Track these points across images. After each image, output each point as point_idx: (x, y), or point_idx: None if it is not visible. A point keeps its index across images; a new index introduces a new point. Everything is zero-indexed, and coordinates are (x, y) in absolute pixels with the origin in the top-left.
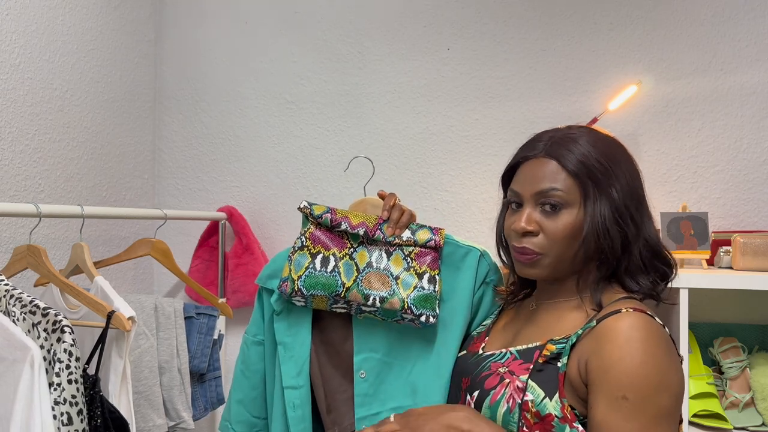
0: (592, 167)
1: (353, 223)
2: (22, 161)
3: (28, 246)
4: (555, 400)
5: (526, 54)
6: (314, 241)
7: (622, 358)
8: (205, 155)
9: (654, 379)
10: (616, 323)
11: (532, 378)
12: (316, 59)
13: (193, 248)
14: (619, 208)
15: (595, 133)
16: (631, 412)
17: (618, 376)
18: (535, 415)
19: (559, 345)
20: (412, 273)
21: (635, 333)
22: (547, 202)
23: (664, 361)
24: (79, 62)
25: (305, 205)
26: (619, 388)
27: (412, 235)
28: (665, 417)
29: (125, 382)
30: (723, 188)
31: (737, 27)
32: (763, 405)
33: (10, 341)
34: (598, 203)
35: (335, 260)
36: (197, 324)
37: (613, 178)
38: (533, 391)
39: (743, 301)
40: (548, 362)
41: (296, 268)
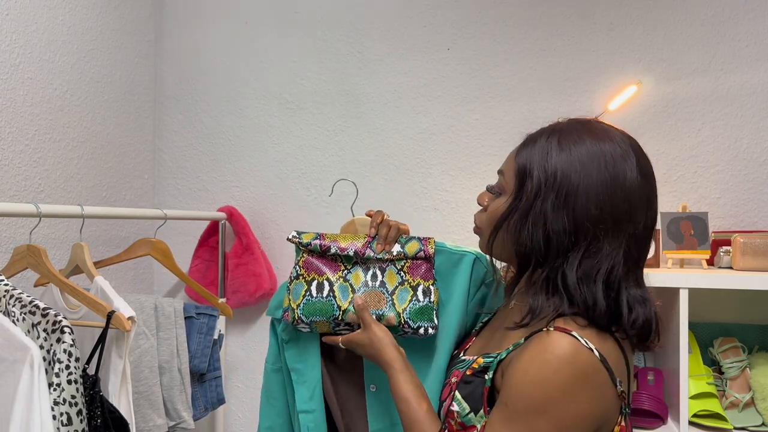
0: (538, 168)
1: (342, 245)
2: (22, 161)
3: (28, 246)
4: (480, 415)
5: (526, 54)
6: (308, 269)
7: (519, 371)
8: (205, 155)
9: (535, 399)
10: (535, 340)
11: (459, 390)
12: (316, 59)
13: (193, 248)
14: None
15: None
16: (506, 419)
17: (509, 385)
18: (460, 425)
19: (488, 359)
20: (406, 287)
21: (542, 353)
22: (495, 184)
23: (557, 387)
24: (79, 62)
25: (294, 235)
26: (506, 395)
27: (401, 248)
28: None
29: (125, 382)
30: (723, 188)
31: (737, 27)
32: (763, 405)
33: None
34: (521, 201)
35: (329, 285)
36: (197, 324)
37: (549, 191)
38: (459, 404)
39: (743, 301)
40: (476, 375)
41: (294, 297)
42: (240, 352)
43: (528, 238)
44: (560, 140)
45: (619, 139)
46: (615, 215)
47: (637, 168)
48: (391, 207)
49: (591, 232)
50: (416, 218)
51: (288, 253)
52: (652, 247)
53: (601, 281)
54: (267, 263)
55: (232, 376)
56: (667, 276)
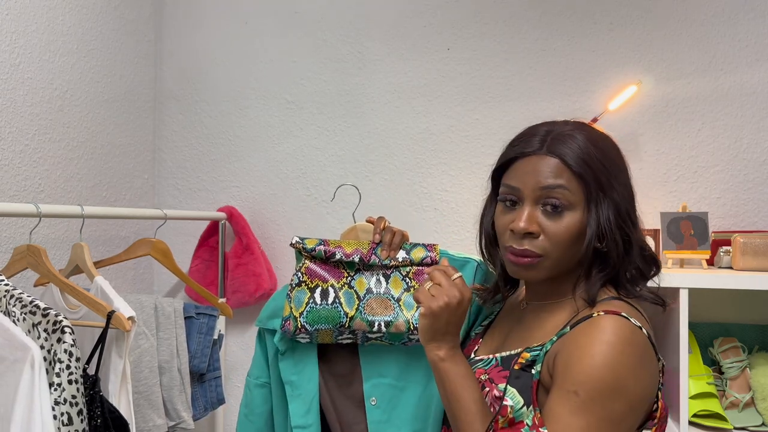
0: (595, 167)
1: (347, 251)
2: (22, 161)
3: (28, 246)
4: (530, 409)
5: (526, 54)
6: (311, 276)
7: (583, 357)
8: (205, 155)
9: (609, 382)
10: (586, 326)
11: (511, 384)
12: (316, 59)
13: (193, 248)
14: (621, 210)
15: (593, 132)
16: (579, 408)
17: (575, 372)
18: (510, 421)
19: (534, 352)
20: (412, 293)
21: (601, 335)
22: (550, 202)
23: (625, 366)
24: (79, 62)
25: (297, 240)
26: (573, 383)
27: (407, 254)
28: (613, 422)
29: (125, 382)
30: (723, 188)
31: (737, 27)
32: (763, 405)
33: (10, 341)
34: (602, 206)
35: (335, 291)
36: (197, 324)
37: (613, 179)
38: (513, 397)
39: (743, 301)
40: (523, 369)
41: (297, 305)
42: (240, 352)
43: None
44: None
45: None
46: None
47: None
48: (391, 207)
49: (632, 207)
50: (416, 218)
51: (288, 252)
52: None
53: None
54: (267, 263)
55: (232, 376)
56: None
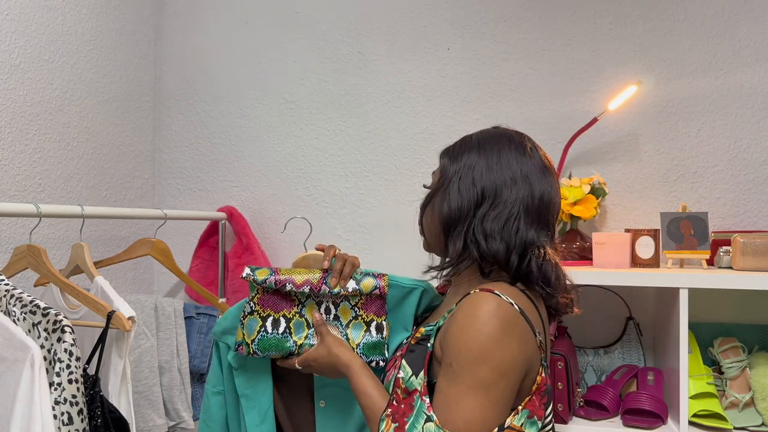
0: (450, 150)
1: (297, 282)
2: (22, 161)
3: (28, 246)
4: (420, 377)
5: (526, 54)
6: (263, 305)
7: (455, 332)
8: (205, 155)
9: (475, 351)
10: (464, 302)
11: (405, 358)
12: (316, 59)
13: (193, 248)
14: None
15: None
16: (453, 378)
17: (449, 346)
18: (404, 390)
19: (428, 328)
20: (360, 322)
21: (472, 309)
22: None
23: (493, 337)
24: (79, 62)
25: (248, 273)
26: (449, 356)
27: (357, 285)
28: (483, 387)
29: (125, 382)
30: (723, 188)
31: (737, 27)
32: (763, 405)
33: (10, 341)
34: (443, 179)
35: (286, 321)
36: (197, 324)
37: (462, 155)
38: (404, 369)
39: (743, 301)
40: (419, 343)
41: (249, 333)
42: None
43: (447, 207)
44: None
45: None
46: (511, 179)
47: (526, 150)
48: (391, 207)
49: (493, 191)
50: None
51: (288, 253)
52: (652, 247)
53: (502, 225)
54: (267, 263)
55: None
56: (667, 276)
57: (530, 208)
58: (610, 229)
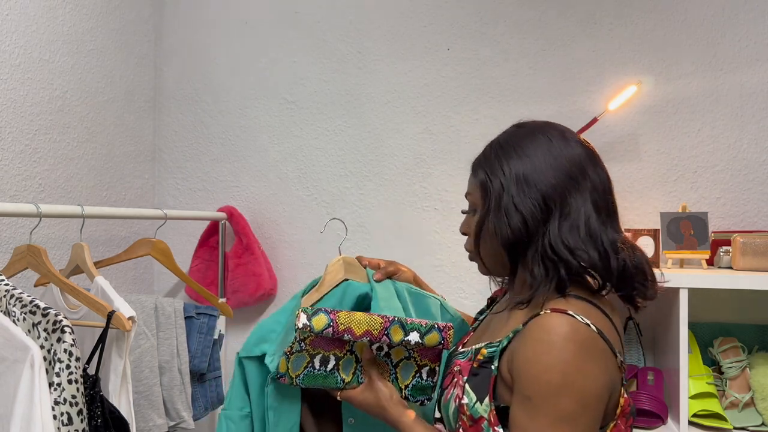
0: (485, 167)
1: (357, 333)
2: (22, 161)
3: (28, 246)
4: (485, 404)
5: (526, 54)
6: (315, 345)
7: (529, 360)
8: (205, 155)
9: (555, 381)
10: (534, 325)
11: (468, 382)
12: (316, 59)
13: (193, 248)
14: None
15: (509, 131)
16: (533, 411)
17: (525, 376)
18: (470, 418)
19: (491, 348)
20: (412, 363)
21: (545, 335)
22: (467, 208)
23: (569, 363)
24: (79, 62)
25: (304, 323)
26: (525, 387)
27: (420, 339)
28: (566, 420)
29: (125, 382)
30: (723, 188)
31: (737, 27)
32: (762, 405)
33: (10, 341)
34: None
35: (335, 360)
36: (197, 324)
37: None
38: (468, 395)
39: (743, 301)
40: (482, 366)
41: (294, 368)
42: None
43: (508, 228)
44: (501, 143)
45: (546, 123)
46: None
47: (566, 138)
48: (391, 207)
49: (557, 197)
50: (416, 218)
51: (288, 253)
52: (652, 247)
53: (584, 232)
54: (267, 263)
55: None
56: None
57: (599, 201)
58: None
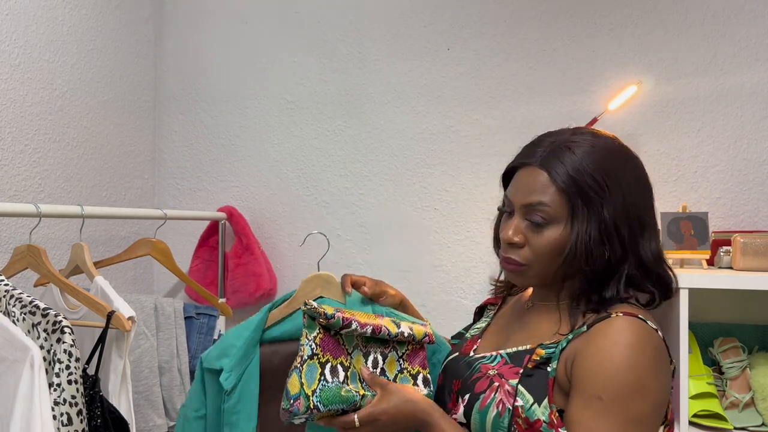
0: (584, 183)
1: (362, 322)
2: (22, 161)
3: (28, 246)
4: (543, 406)
5: (526, 54)
6: (324, 348)
7: (603, 360)
8: (205, 155)
9: (631, 383)
10: (604, 326)
11: (521, 383)
12: (316, 59)
13: (193, 248)
14: (608, 228)
15: (598, 142)
16: (603, 412)
17: (596, 376)
18: (525, 421)
19: (549, 349)
20: (406, 375)
21: (620, 337)
22: (533, 218)
23: (646, 367)
24: (79, 62)
25: (314, 305)
26: (594, 388)
27: (410, 330)
28: (637, 423)
29: (125, 382)
30: (723, 188)
31: (737, 27)
32: (763, 405)
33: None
34: (585, 222)
35: (344, 369)
36: (197, 324)
37: (606, 197)
38: (523, 397)
39: (743, 301)
40: (537, 367)
41: (309, 382)
42: None
43: (604, 254)
44: (575, 148)
45: (603, 132)
46: (646, 194)
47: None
48: (392, 207)
49: (649, 218)
50: (416, 218)
51: (288, 253)
52: None
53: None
54: (267, 263)
55: None
56: None
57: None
58: None
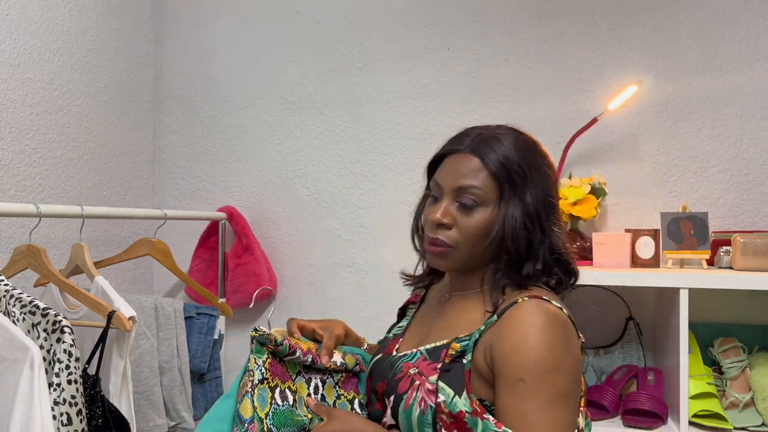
0: (511, 170)
1: (304, 349)
2: (22, 161)
3: (28, 246)
4: (464, 398)
5: (526, 54)
6: (273, 373)
7: (519, 343)
8: (205, 155)
9: (549, 361)
10: (514, 312)
11: (441, 379)
12: (316, 59)
13: (193, 248)
14: (530, 213)
15: (521, 137)
16: (528, 393)
17: (515, 360)
18: (449, 415)
19: (463, 342)
20: (344, 401)
21: (531, 318)
22: (463, 200)
23: (560, 344)
24: (79, 62)
25: (265, 331)
26: (515, 372)
27: (343, 359)
28: (561, 397)
29: (126, 382)
30: (723, 188)
31: (737, 27)
32: (763, 405)
33: (10, 341)
34: (511, 205)
35: (292, 393)
36: (197, 324)
37: (529, 183)
38: (443, 392)
39: (743, 301)
40: (454, 361)
41: (261, 405)
42: (240, 352)
43: (527, 236)
44: (503, 139)
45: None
46: (557, 187)
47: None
48: (391, 207)
49: (556, 206)
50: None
51: (288, 253)
52: (652, 247)
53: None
54: (267, 263)
55: (233, 376)
56: (667, 276)
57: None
58: (610, 229)
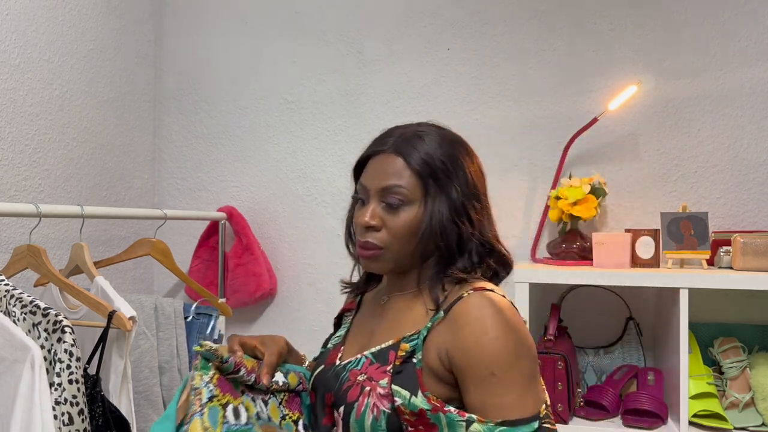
0: (434, 166)
1: (248, 368)
2: (22, 161)
3: (28, 246)
4: (420, 396)
5: (526, 54)
6: (222, 389)
7: (479, 338)
8: (205, 155)
9: (512, 348)
10: (463, 307)
11: (394, 383)
12: (316, 59)
13: (193, 248)
14: (457, 207)
15: (442, 132)
16: (502, 385)
17: (480, 356)
18: (411, 414)
19: (412, 342)
20: (288, 422)
21: (483, 311)
22: (388, 200)
23: (514, 329)
24: (79, 62)
25: (211, 345)
26: (483, 367)
27: (285, 378)
28: (531, 378)
29: (126, 382)
30: (723, 188)
31: (737, 27)
32: (763, 405)
33: (10, 341)
34: (437, 201)
35: (246, 410)
36: (197, 324)
37: (453, 178)
38: (399, 394)
39: (743, 301)
40: (405, 362)
41: (213, 425)
42: None
43: (455, 227)
44: (424, 137)
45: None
46: (483, 180)
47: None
48: None
49: (484, 199)
50: None
51: (288, 253)
52: (652, 247)
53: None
54: (267, 263)
55: None
56: (667, 276)
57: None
58: (610, 229)
